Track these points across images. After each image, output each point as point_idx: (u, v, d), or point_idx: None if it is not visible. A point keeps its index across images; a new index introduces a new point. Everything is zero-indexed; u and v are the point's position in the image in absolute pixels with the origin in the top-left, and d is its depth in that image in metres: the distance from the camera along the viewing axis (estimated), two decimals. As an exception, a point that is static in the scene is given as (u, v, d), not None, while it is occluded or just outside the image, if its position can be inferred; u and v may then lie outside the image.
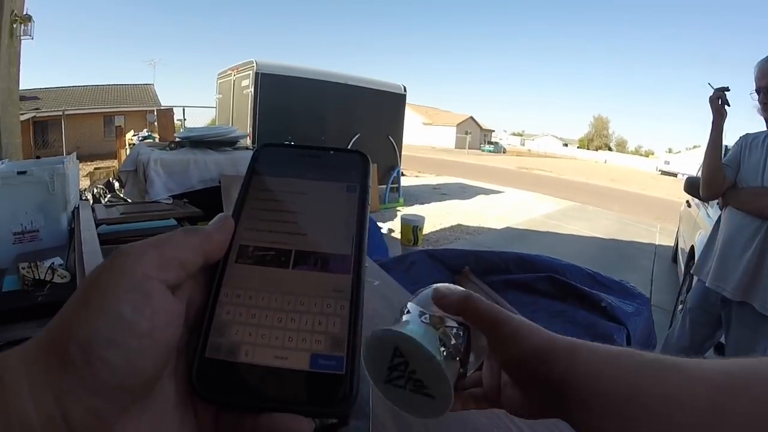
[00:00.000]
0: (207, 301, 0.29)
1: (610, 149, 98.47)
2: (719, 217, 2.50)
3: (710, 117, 2.30)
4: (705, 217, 4.45)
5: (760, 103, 2.20)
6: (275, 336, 0.28)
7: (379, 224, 3.48)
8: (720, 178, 2.29)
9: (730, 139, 2.53)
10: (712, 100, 2.28)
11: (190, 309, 0.28)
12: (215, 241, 0.30)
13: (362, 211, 0.33)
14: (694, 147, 64.04)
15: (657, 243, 8.48)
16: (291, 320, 0.28)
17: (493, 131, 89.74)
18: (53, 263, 1.63)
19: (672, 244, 7.25)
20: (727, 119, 2.29)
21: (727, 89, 2.27)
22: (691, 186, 4.13)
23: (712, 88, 2.31)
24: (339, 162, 0.36)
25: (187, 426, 0.26)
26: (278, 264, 0.31)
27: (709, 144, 2.32)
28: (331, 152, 0.36)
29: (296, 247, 0.31)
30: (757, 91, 2.19)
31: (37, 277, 1.52)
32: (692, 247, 4.57)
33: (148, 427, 0.24)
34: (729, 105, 2.26)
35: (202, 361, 0.27)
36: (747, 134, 2.38)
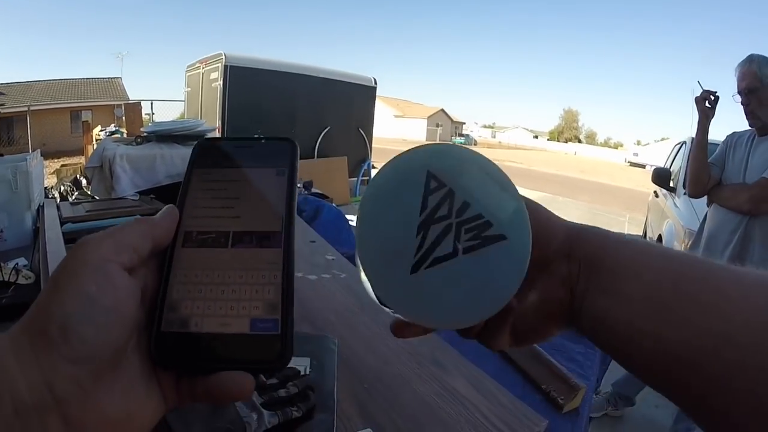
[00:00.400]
0: (160, 284, 0.33)
1: (579, 141, 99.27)
2: (705, 214, 2.58)
3: (687, 113, 2.42)
4: (672, 207, 4.55)
5: (741, 104, 2.28)
6: (219, 306, 0.32)
7: (350, 217, 3.48)
8: (705, 177, 2.37)
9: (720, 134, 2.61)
10: (698, 101, 2.36)
11: (146, 292, 0.32)
12: (161, 228, 0.34)
13: (290, 191, 0.37)
14: (663, 139, 65.04)
15: (626, 232, 8.58)
16: (232, 291, 0.32)
17: (464, 123, 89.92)
18: (17, 264, 1.61)
19: (641, 232, 7.38)
20: (716, 117, 2.37)
21: (716, 94, 2.33)
22: (659, 177, 4.22)
23: (701, 87, 2.38)
24: (270, 149, 0.40)
25: (152, 391, 0.31)
26: (219, 245, 0.35)
27: (694, 144, 2.39)
28: (263, 141, 0.40)
29: (233, 228, 0.35)
30: (739, 92, 2.26)
31: (0, 279, 1.50)
32: (660, 236, 4.66)
33: (119, 394, 0.28)
34: (714, 106, 2.34)
35: (158, 334, 0.31)
36: (734, 133, 2.46)
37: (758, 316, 0.28)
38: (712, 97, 2.33)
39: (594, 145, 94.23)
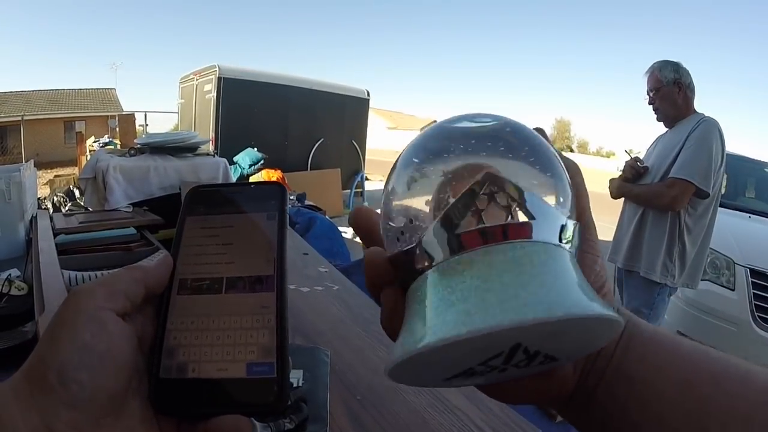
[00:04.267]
0: (156, 331, 0.34)
1: (572, 151, 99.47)
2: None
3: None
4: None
5: (649, 104, 2.70)
6: (215, 352, 0.33)
7: (343, 229, 3.48)
8: (656, 195, 2.63)
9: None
10: (626, 168, 2.81)
11: (144, 339, 0.33)
12: (154, 275, 0.35)
13: (281, 234, 0.38)
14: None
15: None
16: (227, 337, 0.33)
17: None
18: (10, 275, 1.61)
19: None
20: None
21: (645, 165, 2.73)
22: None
23: (630, 156, 2.94)
24: (259, 194, 0.41)
25: None
26: (213, 291, 0.36)
27: (627, 194, 2.83)
28: (252, 187, 0.42)
29: (227, 274, 0.36)
30: (647, 94, 2.67)
31: (-7, 290, 1.50)
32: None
33: None
34: (638, 178, 2.75)
35: (157, 381, 0.32)
36: (660, 134, 2.81)
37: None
38: (641, 168, 2.72)
39: (586, 154, 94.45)
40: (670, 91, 2.58)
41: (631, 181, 2.75)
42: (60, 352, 0.28)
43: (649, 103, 2.69)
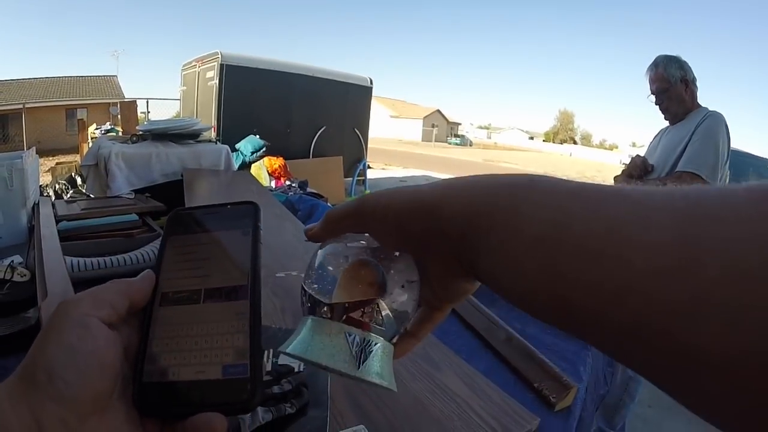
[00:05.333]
0: (141, 340, 0.37)
1: (575, 143, 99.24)
2: None
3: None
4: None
5: (656, 104, 2.64)
6: (194, 356, 0.36)
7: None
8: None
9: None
10: (634, 165, 2.74)
11: (129, 349, 0.36)
12: (137, 288, 0.38)
13: (255, 247, 0.41)
14: (658, 140, 65.11)
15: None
16: (205, 342, 0.36)
17: (460, 124, 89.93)
18: (12, 261, 1.61)
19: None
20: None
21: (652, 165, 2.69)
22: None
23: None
24: (235, 213, 0.44)
25: None
26: (192, 302, 0.39)
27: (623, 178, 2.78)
28: (228, 206, 0.45)
29: (204, 286, 0.39)
30: (653, 94, 2.61)
31: (-5, 277, 1.50)
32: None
33: None
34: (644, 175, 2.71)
35: (141, 385, 0.35)
36: (662, 128, 2.77)
37: (664, 253, 0.23)
38: (649, 165, 2.69)
39: (589, 146, 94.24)
40: (678, 90, 2.55)
41: (636, 178, 2.73)
42: (48, 353, 0.31)
43: (657, 104, 2.65)
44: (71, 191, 6.53)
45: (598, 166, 41.30)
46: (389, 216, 0.39)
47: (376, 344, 0.38)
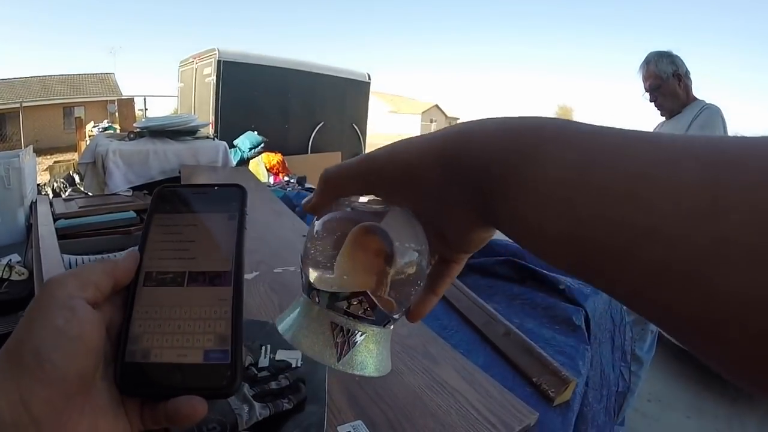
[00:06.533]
0: (123, 319, 0.37)
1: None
2: None
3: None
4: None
5: (650, 101, 2.64)
6: (176, 339, 0.36)
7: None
8: None
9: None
10: None
11: (111, 327, 0.36)
12: (122, 268, 0.38)
13: (240, 234, 0.41)
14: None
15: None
16: (188, 326, 0.37)
17: (459, 119, 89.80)
18: (10, 260, 1.61)
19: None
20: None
21: None
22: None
23: None
24: (222, 196, 0.44)
25: (119, 416, 0.34)
26: (176, 284, 0.39)
27: None
28: (216, 188, 0.45)
29: (189, 269, 0.39)
30: (646, 91, 2.62)
31: (-7, 276, 1.50)
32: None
33: (89, 417, 0.32)
34: None
35: (122, 365, 0.35)
36: (658, 123, 2.75)
37: (692, 195, 0.23)
38: None
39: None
40: (671, 85, 2.55)
41: None
42: (36, 335, 0.32)
43: (651, 101, 2.66)
44: (69, 189, 6.53)
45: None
46: (401, 170, 0.37)
47: (362, 334, 0.38)
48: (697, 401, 3.24)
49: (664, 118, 2.69)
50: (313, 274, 0.40)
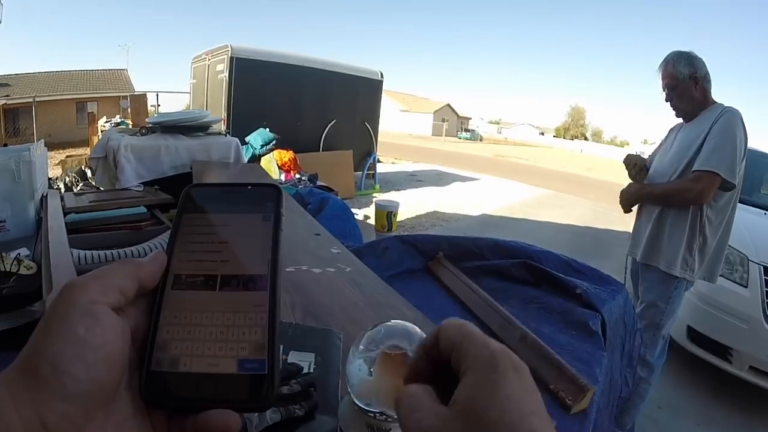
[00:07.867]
0: (150, 324, 0.34)
1: (586, 139, 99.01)
2: None
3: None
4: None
5: (666, 101, 2.63)
6: (208, 347, 0.33)
7: (355, 211, 3.48)
8: (682, 191, 2.52)
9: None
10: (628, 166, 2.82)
11: (137, 333, 0.34)
12: (147, 270, 0.36)
13: (275, 236, 0.39)
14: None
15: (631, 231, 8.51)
16: (220, 333, 0.34)
17: (470, 119, 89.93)
18: (19, 254, 1.60)
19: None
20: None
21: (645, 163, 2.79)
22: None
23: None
24: (256, 195, 0.42)
25: (143, 430, 0.32)
26: (207, 287, 0.36)
27: (647, 197, 2.72)
28: (249, 187, 0.42)
29: (221, 272, 0.37)
30: (663, 89, 2.60)
31: (2, 269, 1.49)
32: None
33: (111, 431, 0.30)
34: (640, 172, 2.77)
35: (148, 373, 0.32)
36: (675, 125, 2.74)
37: None
38: (640, 163, 2.78)
39: (600, 143, 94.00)
40: (687, 87, 2.51)
41: (636, 174, 2.76)
42: (54, 345, 0.29)
43: (666, 101, 2.63)
44: (81, 184, 6.57)
45: (609, 163, 41.19)
46: None
47: None
48: (709, 410, 3.22)
49: (681, 120, 2.66)
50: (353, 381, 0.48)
